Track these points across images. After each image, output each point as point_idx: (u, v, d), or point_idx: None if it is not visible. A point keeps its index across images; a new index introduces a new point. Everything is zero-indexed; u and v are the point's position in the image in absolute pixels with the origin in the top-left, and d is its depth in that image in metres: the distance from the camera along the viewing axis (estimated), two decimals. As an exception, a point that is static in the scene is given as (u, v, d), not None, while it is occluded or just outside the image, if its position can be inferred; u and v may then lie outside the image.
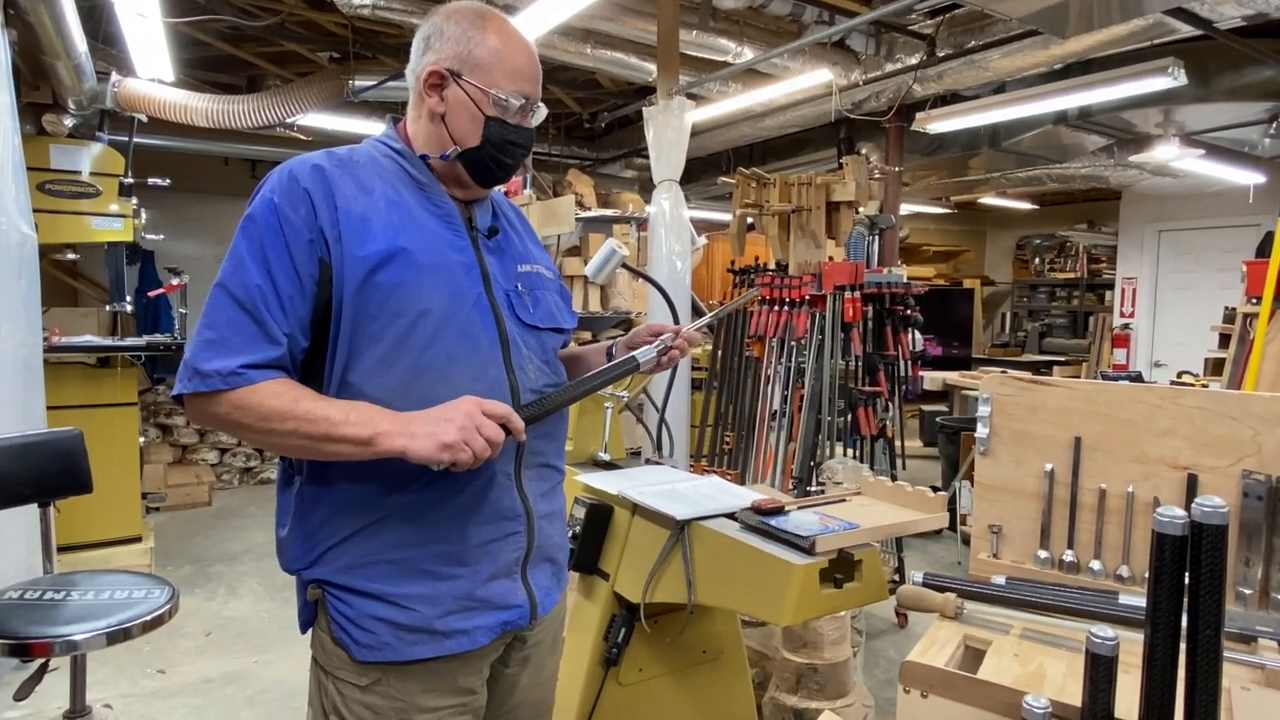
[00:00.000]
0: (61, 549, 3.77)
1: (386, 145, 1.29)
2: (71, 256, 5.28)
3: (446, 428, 1.07)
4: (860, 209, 4.17)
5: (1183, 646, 0.88)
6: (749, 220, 4.24)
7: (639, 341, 1.43)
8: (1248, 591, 1.37)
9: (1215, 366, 4.65)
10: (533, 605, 1.29)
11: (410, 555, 1.19)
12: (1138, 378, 4.75)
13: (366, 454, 1.10)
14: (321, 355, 1.18)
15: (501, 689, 1.34)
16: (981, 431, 1.62)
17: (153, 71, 4.29)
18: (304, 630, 1.28)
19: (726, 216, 5.54)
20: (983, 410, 1.62)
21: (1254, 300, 3.27)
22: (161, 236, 5.54)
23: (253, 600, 4.06)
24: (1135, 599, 1.36)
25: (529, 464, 1.28)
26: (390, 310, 1.15)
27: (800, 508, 1.62)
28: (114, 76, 4.49)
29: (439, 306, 1.18)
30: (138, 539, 4.30)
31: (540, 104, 1.31)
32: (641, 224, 5.96)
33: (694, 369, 5.08)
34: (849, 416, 3.83)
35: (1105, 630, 0.93)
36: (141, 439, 4.54)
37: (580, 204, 5.95)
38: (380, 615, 1.18)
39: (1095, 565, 1.51)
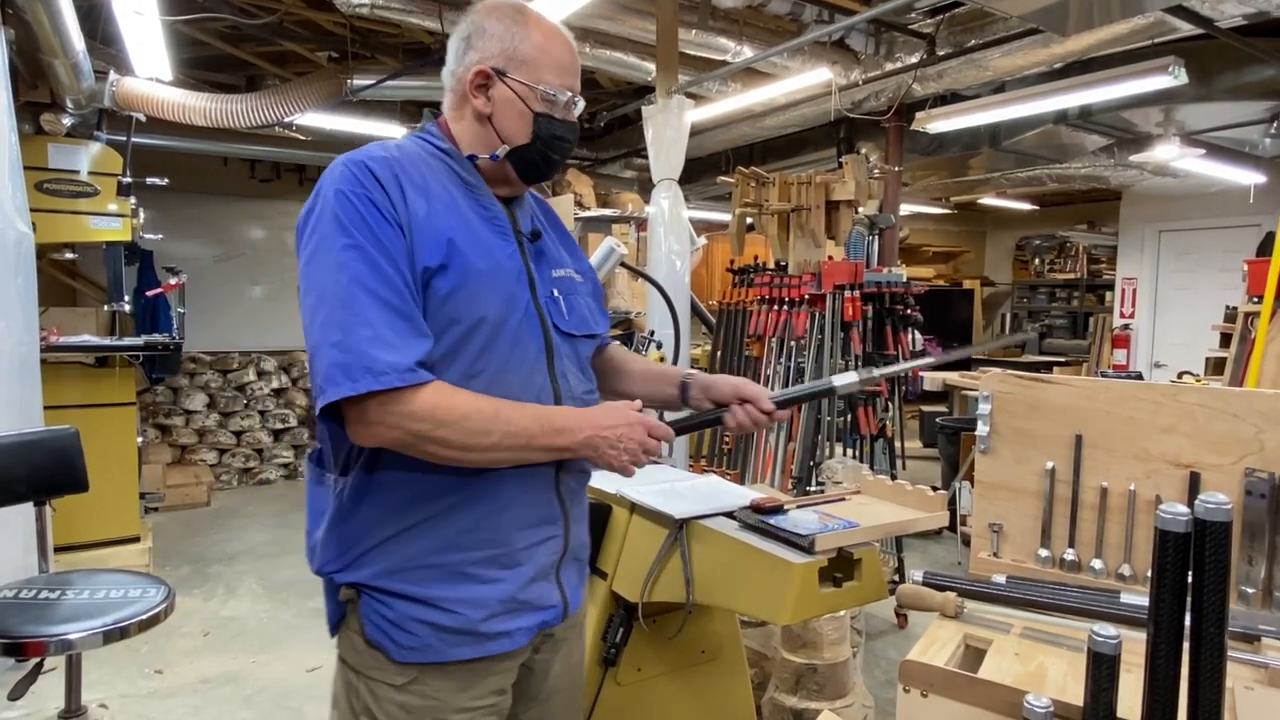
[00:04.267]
0: (60, 549, 3.76)
1: (432, 144, 1.26)
2: (70, 256, 5.27)
3: (622, 460, 1.18)
4: (860, 208, 4.17)
5: (1186, 645, 0.87)
6: (748, 220, 4.23)
7: (721, 395, 1.42)
8: (1251, 590, 1.36)
9: (1216, 366, 4.63)
10: (565, 604, 1.30)
11: (454, 560, 1.17)
12: (1138, 378, 4.74)
13: (550, 458, 1.19)
14: None
15: (535, 678, 1.33)
16: (982, 429, 1.61)
17: (151, 71, 4.27)
18: (334, 633, 1.25)
19: (726, 216, 5.54)
20: (983, 408, 1.61)
21: (1255, 299, 3.26)
22: (160, 236, 5.55)
23: (251, 600, 4.06)
24: (1137, 598, 1.35)
25: (569, 468, 1.27)
26: (447, 315, 1.13)
27: (799, 506, 1.61)
28: (112, 75, 4.47)
29: (494, 313, 1.17)
30: (136, 539, 4.29)
31: (580, 97, 1.29)
32: (641, 223, 5.94)
33: (692, 368, 5.06)
34: (848, 416, 3.82)
35: (1107, 629, 0.92)
36: (140, 439, 4.53)
37: (579, 204, 5.95)
38: (423, 618, 1.16)
39: (1097, 564, 1.50)
